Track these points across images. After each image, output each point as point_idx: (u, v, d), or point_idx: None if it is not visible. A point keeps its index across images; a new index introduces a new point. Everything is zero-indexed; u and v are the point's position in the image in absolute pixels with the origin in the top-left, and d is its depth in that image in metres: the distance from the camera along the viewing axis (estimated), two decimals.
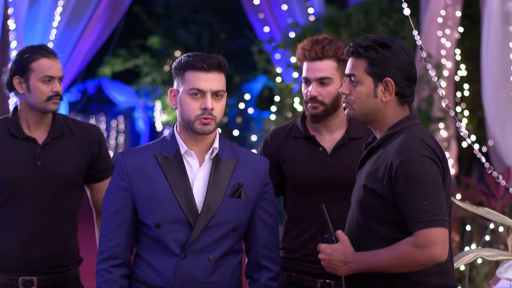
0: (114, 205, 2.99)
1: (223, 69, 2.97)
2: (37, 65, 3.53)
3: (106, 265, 2.97)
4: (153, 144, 3.04)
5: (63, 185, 3.58)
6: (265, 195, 3.07)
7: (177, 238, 2.93)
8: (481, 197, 6.25)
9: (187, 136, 2.98)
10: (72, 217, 3.65)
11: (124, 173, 2.97)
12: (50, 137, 3.58)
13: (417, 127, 2.84)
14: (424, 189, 2.68)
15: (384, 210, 2.75)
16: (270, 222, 3.08)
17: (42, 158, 3.55)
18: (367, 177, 2.79)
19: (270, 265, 3.08)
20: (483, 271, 5.87)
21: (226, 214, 2.95)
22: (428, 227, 2.64)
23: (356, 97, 2.84)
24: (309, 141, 3.48)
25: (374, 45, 2.82)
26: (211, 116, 2.92)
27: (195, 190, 2.95)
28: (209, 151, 2.99)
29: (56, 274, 3.59)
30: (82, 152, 3.63)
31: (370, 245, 2.77)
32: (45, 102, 3.55)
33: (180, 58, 2.98)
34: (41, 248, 3.54)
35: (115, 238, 2.98)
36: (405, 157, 2.71)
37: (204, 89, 2.92)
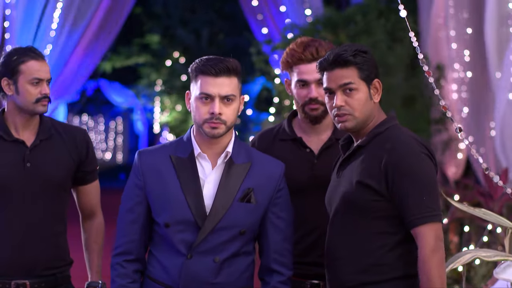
0: (129, 202, 3.07)
1: (234, 73, 3.02)
2: (26, 67, 3.51)
3: (120, 260, 3.05)
4: (170, 145, 3.10)
5: (52, 187, 3.56)
6: (278, 200, 3.08)
7: (185, 239, 2.98)
8: (479, 198, 6.26)
9: (202, 138, 3.03)
10: (62, 219, 3.63)
11: (140, 172, 3.05)
12: (39, 139, 3.57)
13: (403, 128, 2.92)
14: (422, 185, 2.76)
15: (379, 205, 2.81)
16: (283, 228, 3.09)
17: (31, 160, 3.54)
18: (361, 174, 2.83)
19: (281, 270, 3.09)
20: (480, 271, 5.88)
21: (234, 218, 2.98)
22: (427, 222, 2.73)
23: (357, 104, 2.88)
24: (296, 143, 3.48)
25: (357, 51, 2.89)
26: (220, 120, 2.96)
27: (205, 192, 2.99)
28: (222, 154, 3.03)
29: (49, 277, 3.57)
30: (70, 154, 3.62)
31: (362, 240, 2.84)
32: (33, 104, 3.53)
33: (195, 62, 3.04)
34: (32, 250, 3.52)
35: (129, 234, 3.06)
36: (402, 153, 2.78)
37: (212, 94, 2.96)
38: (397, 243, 2.83)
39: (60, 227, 3.62)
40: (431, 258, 2.72)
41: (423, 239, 2.74)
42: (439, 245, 2.74)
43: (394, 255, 2.83)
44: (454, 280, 6.13)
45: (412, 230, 2.77)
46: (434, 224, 2.75)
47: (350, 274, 2.87)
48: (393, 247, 2.83)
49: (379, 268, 2.83)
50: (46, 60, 3.60)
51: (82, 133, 3.71)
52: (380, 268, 2.83)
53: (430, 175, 2.79)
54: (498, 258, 2.86)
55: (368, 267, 2.84)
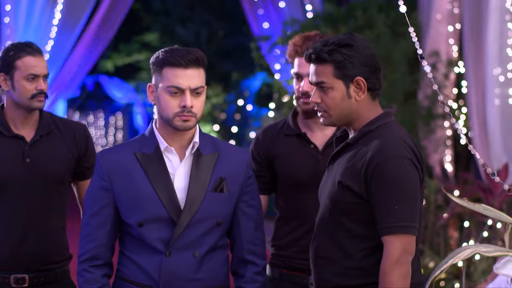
0: (95, 206, 2.93)
1: (202, 64, 2.88)
2: (22, 62, 3.51)
3: (86, 266, 2.93)
4: (133, 142, 2.97)
5: (52, 182, 3.57)
6: (248, 188, 3.00)
7: (161, 236, 2.87)
8: (479, 193, 6.26)
9: (167, 132, 2.92)
10: (61, 214, 3.64)
11: (104, 173, 2.91)
12: (38, 135, 3.58)
13: (396, 125, 2.80)
14: (399, 193, 2.63)
15: (359, 208, 2.69)
16: (254, 216, 3.01)
17: (31, 156, 3.54)
18: (343, 174, 2.73)
19: (255, 260, 3.02)
20: (480, 267, 5.88)
21: (209, 209, 2.89)
22: (396, 233, 2.61)
23: (331, 103, 2.76)
24: (300, 138, 3.46)
25: (336, 47, 2.73)
26: (191, 113, 2.86)
27: (176, 186, 2.89)
28: (189, 146, 2.92)
29: (48, 271, 3.58)
30: (70, 149, 3.63)
31: (343, 242, 2.73)
32: (29, 100, 3.53)
33: (158, 53, 2.90)
34: (32, 245, 3.53)
35: (96, 239, 2.92)
36: (385, 156, 2.65)
37: (182, 87, 2.84)
38: (377, 248, 2.69)
39: (60, 222, 3.63)
40: (391, 271, 2.60)
41: (388, 249, 2.61)
42: (404, 259, 2.61)
43: (373, 260, 2.70)
44: (454, 275, 6.13)
45: (381, 238, 2.65)
46: (403, 236, 2.61)
47: (329, 275, 2.78)
48: (372, 252, 2.71)
49: (357, 272, 2.72)
50: (44, 55, 3.59)
51: (82, 129, 3.71)
52: (358, 272, 2.72)
53: (410, 184, 2.65)
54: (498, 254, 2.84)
55: (346, 270, 2.74)
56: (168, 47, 2.91)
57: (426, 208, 6.68)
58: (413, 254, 2.66)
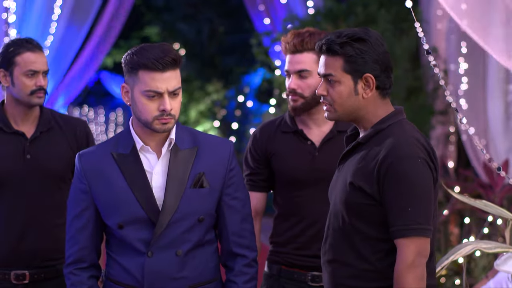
0: (76, 209, 2.89)
1: (178, 64, 2.79)
2: (21, 59, 3.51)
3: (72, 268, 2.90)
4: (109, 141, 2.90)
5: (52, 179, 3.57)
6: (231, 180, 2.91)
7: (141, 237, 2.81)
8: (480, 189, 6.25)
9: (143, 131, 2.84)
10: (62, 210, 3.61)
11: (82, 175, 2.86)
12: (39, 131, 3.57)
13: (408, 124, 2.72)
14: (412, 194, 2.56)
15: (371, 209, 2.63)
16: (239, 208, 2.93)
17: (31, 152, 3.54)
18: (354, 174, 2.65)
19: (244, 252, 2.94)
20: (481, 263, 5.88)
21: (189, 206, 2.82)
22: (409, 236, 2.55)
23: (337, 97, 2.68)
24: (297, 135, 3.45)
25: (349, 41, 2.65)
26: (170, 115, 2.78)
27: (154, 185, 2.82)
28: (166, 142, 2.85)
29: (48, 268, 3.59)
30: (70, 146, 3.62)
31: (357, 244, 2.67)
32: (29, 96, 3.52)
33: (130, 53, 2.78)
34: (32, 241, 3.53)
35: (79, 242, 2.89)
36: (398, 156, 2.57)
37: (161, 91, 2.75)
38: (391, 250, 2.63)
39: (60, 218, 3.62)
40: (406, 274, 2.53)
41: (402, 253, 2.55)
42: (419, 261, 2.55)
43: (388, 263, 2.63)
44: (454, 271, 6.13)
45: (394, 240, 2.59)
46: (417, 238, 2.55)
47: (343, 278, 2.71)
48: (386, 254, 2.64)
49: (372, 275, 2.65)
50: (44, 52, 3.59)
51: (82, 125, 3.71)
52: (373, 275, 2.65)
53: (423, 184, 2.58)
54: (499, 250, 2.84)
55: (361, 272, 2.66)
56: (138, 46, 2.80)
57: None
58: (427, 257, 2.60)
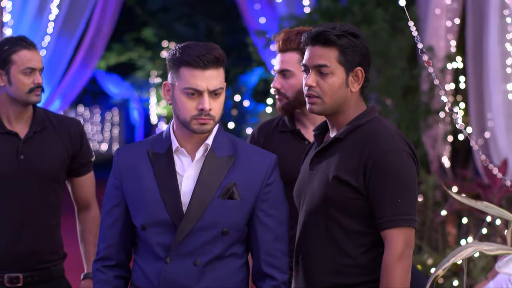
0: (108, 204, 2.83)
1: (222, 63, 2.70)
2: (18, 57, 3.47)
3: (99, 265, 2.84)
4: (150, 139, 2.84)
5: (46, 179, 3.52)
6: (266, 196, 2.78)
7: (162, 241, 2.73)
8: (478, 189, 6.22)
9: (181, 132, 2.76)
10: (56, 212, 3.59)
11: (116, 170, 2.81)
12: (32, 131, 3.53)
13: (385, 120, 2.76)
14: (400, 186, 2.60)
15: (356, 203, 2.64)
16: (273, 226, 2.78)
17: (25, 153, 3.50)
18: (338, 169, 2.65)
19: (273, 273, 2.79)
20: (480, 264, 5.85)
21: (214, 216, 2.71)
22: (398, 226, 2.58)
23: (328, 89, 2.67)
24: (294, 135, 3.43)
25: (345, 33, 2.67)
26: (209, 116, 2.69)
27: (183, 189, 2.73)
28: (201, 147, 2.76)
29: (42, 270, 3.53)
30: (64, 146, 3.58)
31: (339, 239, 2.67)
32: (27, 94, 3.48)
33: (174, 50, 2.72)
34: (26, 243, 3.48)
35: (108, 238, 2.83)
36: (384, 150, 2.61)
37: (200, 89, 2.66)
38: (375, 244, 2.65)
39: (54, 220, 3.58)
40: (395, 265, 2.56)
41: (391, 243, 2.57)
42: (407, 252, 2.58)
43: (371, 257, 2.66)
44: (452, 272, 6.10)
45: (381, 232, 2.61)
46: (405, 229, 2.58)
47: (324, 275, 2.70)
48: (370, 248, 2.66)
49: (355, 270, 2.66)
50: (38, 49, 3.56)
51: (76, 125, 3.67)
52: (356, 270, 2.66)
53: (410, 176, 2.62)
54: (501, 252, 2.80)
55: (343, 268, 2.66)
56: (184, 43, 2.73)
57: (424, 204, 6.65)
58: (413, 248, 2.64)
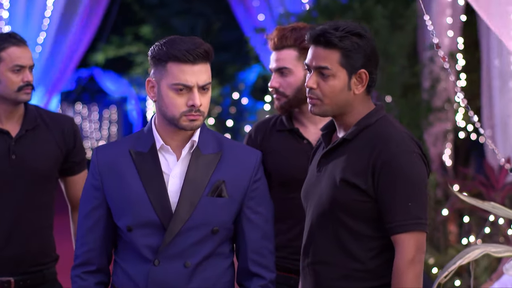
0: (87, 206, 2.74)
1: (210, 58, 2.65)
2: (6, 54, 3.39)
3: (79, 271, 2.74)
4: (129, 138, 2.76)
5: (38, 179, 3.45)
6: (254, 193, 2.75)
7: (150, 243, 2.64)
8: (480, 188, 6.16)
9: (166, 129, 2.69)
10: (48, 212, 3.52)
11: (96, 170, 2.71)
12: (24, 129, 3.46)
13: (394, 119, 2.70)
14: (411, 189, 2.53)
15: (365, 206, 2.58)
16: (261, 224, 2.76)
17: (17, 152, 3.42)
18: (345, 171, 2.59)
19: (261, 272, 2.76)
20: (483, 264, 5.79)
21: (203, 215, 2.65)
22: (410, 230, 2.52)
23: (329, 91, 2.60)
24: (292, 134, 3.36)
25: (348, 34, 2.58)
26: (199, 112, 2.63)
27: (170, 189, 2.66)
28: (187, 144, 2.70)
29: (35, 273, 3.46)
30: (57, 144, 3.51)
31: (347, 243, 2.61)
32: (16, 92, 3.41)
33: (159, 44, 2.64)
34: (18, 246, 3.41)
35: (88, 243, 2.73)
36: (394, 151, 2.54)
37: (190, 85, 2.60)
38: (384, 248, 2.59)
39: (46, 221, 3.51)
40: (407, 270, 2.50)
41: (402, 248, 2.52)
42: (419, 257, 2.53)
43: (380, 261, 2.60)
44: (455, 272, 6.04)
45: (392, 236, 2.54)
46: (417, 233, 2.53)
47: (332, 280, 2.63)
48: (379, 252, 2.60)
49: (364, 275, 2.60)
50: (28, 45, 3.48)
51: (70, 122, 3.59)
52: (365, 275, 2.60)
53: (420, 179, 2.55)
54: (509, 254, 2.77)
55: (352, 272, 2.60)
56: (168, 38, 2.67)
57: None
58: (424, 252, 2.58)
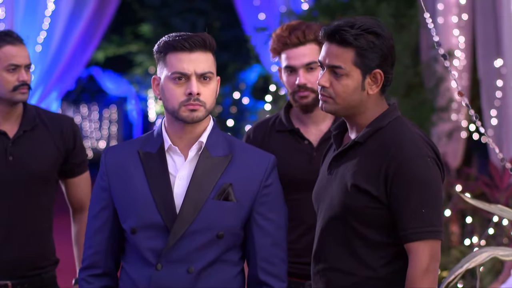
0: (95, 207, 2.69)
1: (210, 48, 2.59)
2: (2, 53, 3.33)
3: (85, 275, 2.70)
4: (140, 139, 2.71)
5: (37, 181, 3.39)
6: (264, 198, 2.66)
7: (153, 246, 2.58)
8: (484, 188, 6.11)
9: (174, 129, 2.63)
10: (48, 215, 3.46)
11: (104, 171, 2.67)
12: (22, 130, 3.40)
13: (407, 121, 2.62)
14: (425, 195, 2.45)
15: (377, 212, 2.50)
16: (271, 231, 2.67)
17: (14, 153, 3.36)
18: (356, 176, 2.51)
19: (271, 281, 2.68)
20: (487, 265, 5.74)
21: (208, 219, 2.57)
22: (424, 239, 2.45)
23: (342, 91, 2.53)
24: (293, 134, 3.31)
25: (364, 33, 2.51)
26: (199, 101, 2.55)
27: (176, 190, 2.60)
28: (195, 145, 2.64)
29: (33, 277, 3.40)
30: (56, 145, 3.45)
31: (358, 250, 2.54)
32: (11, 92, 3.35)
33: (160, 40, 2.63)
34: (16, 249, 3.35)
35: (95, 245, 2.69)
36: (407, 156, 2.46)
37: (187, 72, 2.55)
38: (397, 255, 2.52)
39: (46, 223, 3.44)
40: (421, 280, 2.42)
41: (416, 257, 2.44)
42: (433, 266, 2.45)
43: (393, 269, 2.52)
44: None
45: (405, 244, 2.47)
46: (431, 241, 2.45)
47: (344, 287, 2.57)
48: (391, 260, 2.53)
49: (376, 283, 2.52)
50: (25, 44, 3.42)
51: (69, 122, 3.53)
52: (377, 283, 2.53)
53: (435, 184, 2.47)
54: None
55: (363, 280, 2.53)
56: (171, 33, 2.65)
57: None
58: (439, 261, 2.49)
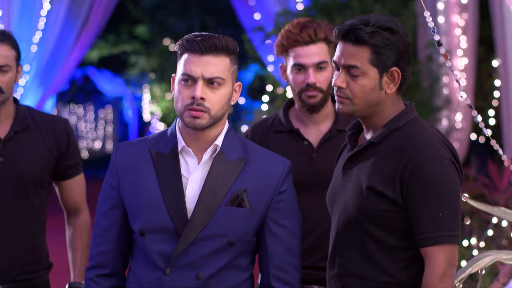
0: (104, 206, 2.62)
1: (225, 52, 2.52)
2: None
3: (93, 274, 2.63)
4: (152, 137, 2.64)
5: (29, 184, 3.32)
6: (278, 205, 2.60)
7: (162, 250, 2.52)
8: (483, 189, 6.07)
9: (188, 131, 2.56)
10: (40, 218, 3.39)
11: (114, 168, 2.60)
12: (13, 131, 3.32)
13: (424, 121, 2.55)
14: (442, 198, 2.38)
15: (393, 216, 2.44)
16: (285, 238, 2.60)
17: (5, 155, 3.29)
18: (371, 178, 2.45)
19: None
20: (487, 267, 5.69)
21: (220, 225, 2.51)
22: (441, 243, 2.38)
23: (359, 91, 2.47)
24: (293, 134, 3.27)
25: (379, 30, 2.43)
26: (202, 107, 2.48)
27: (188, 194, 2.53)
28: (209, 148, 2.57)
29: (24, 282, 3.34)
30: (48, 147, 3.38)
31: (374, 254, 2.47)
32: None
33: (182, 38, 2.58)
34: (7, 253, 3.28)
35: (104, 243, 2.62)
36: (424, 158, 2.39)
37: (194, 75, 2.49)
38: (414, 259, 2.46)
39: (38, 227, 3.37)
40: (438, 286, 2.36)
41: (432, 262, 2.38)
42: (450, 271, 2.39)
43: (410, 274, 2.46)
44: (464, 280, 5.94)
45: (421, 249, 2.41)
46: (447, 246, 2.38)
47: None
48: (408, 264, 2.46)
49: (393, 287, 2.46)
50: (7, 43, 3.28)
51: (63, 124, 3.44)
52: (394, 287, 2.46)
53: (452, 187, 2.40)
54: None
55: (380, 285, 2.47)
56: (195, 33, 2.59)
57: None
58: (456, 266, 2.42)
